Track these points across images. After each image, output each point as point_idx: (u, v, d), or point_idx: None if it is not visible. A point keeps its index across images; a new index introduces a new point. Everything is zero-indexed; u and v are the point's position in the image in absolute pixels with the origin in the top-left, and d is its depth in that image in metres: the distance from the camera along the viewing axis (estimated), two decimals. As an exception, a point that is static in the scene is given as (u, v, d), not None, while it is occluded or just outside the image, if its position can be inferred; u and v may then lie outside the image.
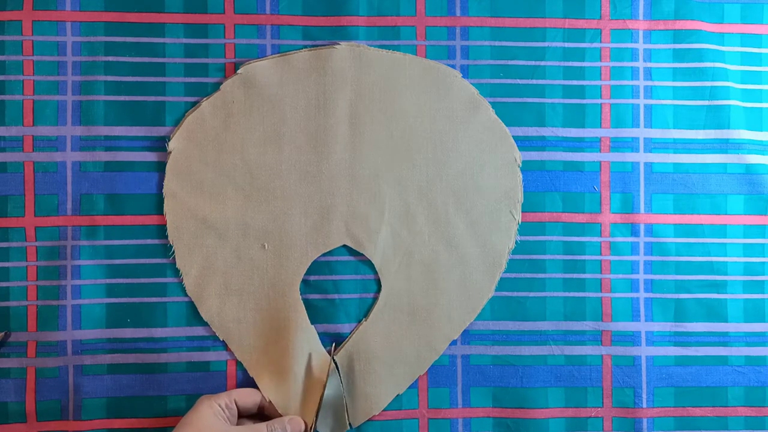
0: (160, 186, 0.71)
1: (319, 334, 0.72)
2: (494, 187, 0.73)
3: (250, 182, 0.71)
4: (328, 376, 0.69)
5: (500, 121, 0.73)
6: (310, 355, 0.71)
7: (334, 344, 0.72)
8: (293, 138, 0.71)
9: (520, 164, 0.73)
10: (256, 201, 0.71)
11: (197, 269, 0.71)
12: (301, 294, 0.72)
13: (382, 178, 0.72)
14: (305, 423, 0.68)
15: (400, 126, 0.72)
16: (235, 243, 0.71)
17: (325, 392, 0.68)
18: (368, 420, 0.71)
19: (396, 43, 0.74)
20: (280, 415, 0.68)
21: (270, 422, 0.65)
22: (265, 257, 0.71)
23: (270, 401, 0.69)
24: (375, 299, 0.72)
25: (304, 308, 0.71)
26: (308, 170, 0.72)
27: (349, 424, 0.71)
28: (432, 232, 0.72)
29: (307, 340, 0.71)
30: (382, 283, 0.72)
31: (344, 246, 0.72)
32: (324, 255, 0.72)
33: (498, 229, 0.73)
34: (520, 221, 0.73)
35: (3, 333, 0.69)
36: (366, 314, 0.72)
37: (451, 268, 0.72)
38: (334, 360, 0.70)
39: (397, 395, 0.72)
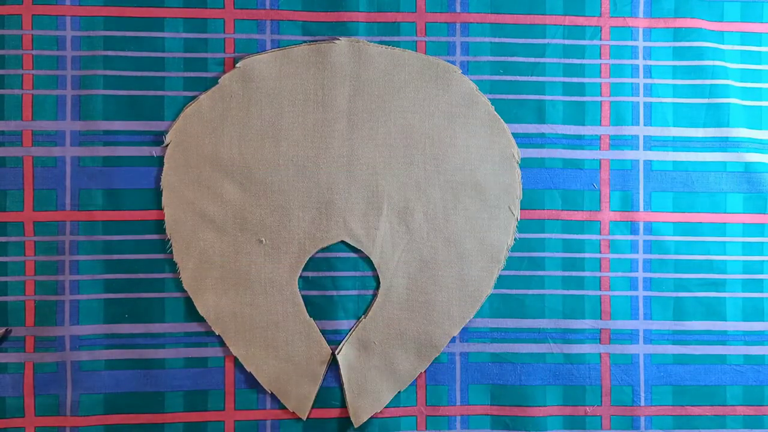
0: (159, 181, 0.71)
1: (317, 330, 0.72)
2: (493, 182, 0.73)
3: (247, 176, 0.71)
4: (327, 366, 0.69)
5: (499, 117, 0.73)
6: (309, 348, 0.71)
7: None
8: (291, 132, 0.71)
9: (519, 160, 0.73)
10: (253, 195, 0.71)
11: (194, 263, 0.71)
12: (299, 290, 0.71)
13: (380, 173, 0.72)
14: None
15: (399, 122, 0.72)
16: (233, 237, 0.71)
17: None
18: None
19: (396, 39, 0.73)
20: None
21: None
22: (262, 252, 0.71)
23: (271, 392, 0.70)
24: (374, 296, 0.72)
25: (302, 302, 0.71)
26: (306, 165, 0.71)
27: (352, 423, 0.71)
28: (430, 229, 0.72)
29: (306, 333, 0.71)
30: (380, 280, 0.72)
31: (343, 242, 0.72)
32: (322, 251, 0.72)
33: (496, 225, 0.73)
34: (518, 218, 0.73)
35: (3, 329, 0.69)
36: (365, 311, 0.72)
37: (450, 265, 0.72)
38: (335, 356, 0.71)
39: (397, 392, 0.72)
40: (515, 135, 0.74)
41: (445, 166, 0.72)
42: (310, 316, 0.71)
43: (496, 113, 0.73)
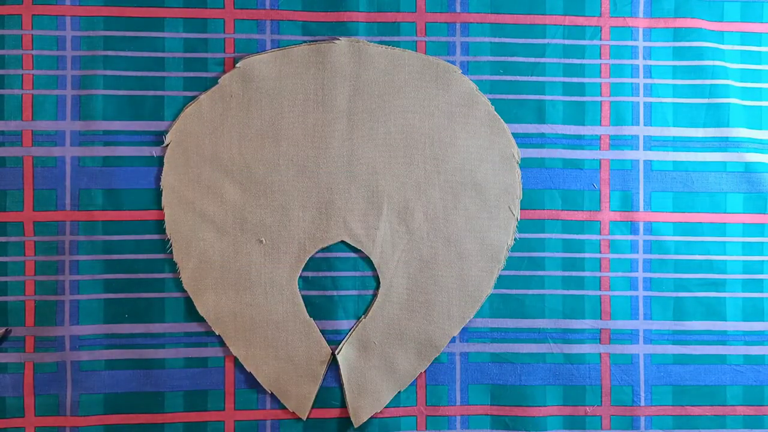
0: (159, 181, 0.71)
1: (317, 330, 0.72)
2: (492, 182, 0.73)
3: (247, 176, 0.71)
4: (327, 366, 0.69)
5: (498, 116, 0.73)
6: (309, 348, 0.71)
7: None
8: (291, 132, 0.71)
9: (519, 160, 0.73)
10: (253, 195, 0.71)
11: (194, 263, 0.71)
12: (299, 290, 0.71)
13: (380, 174, 0.72)
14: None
15: (399, 122, 0.72)
16: (233, 237, 0.71)
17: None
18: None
19: (396, 39, 0.73)
20: None
21: None
22: (262, 252, 0.71)
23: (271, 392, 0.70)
24: (374, 296, 0.72)
25: (302, 302, 0.71)
26: (306, 165, 0.71)
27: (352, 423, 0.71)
28: (430, 229, 0.72)
29: (306, 333, 0.71)
30: (380, 280, 0.72)
31: (343, 242, 0.72)
32: (322, 251, 0.72)
33: (497, 225, 0.73)
34: (519, 218, 0.73)
35: (3, 329, 0.69)
36: (365, 311, 0.72)
37: (450, 265, 0.72)
38: (335, 356, 0.71)
39: (397, 392, 0.72)
40: (515, 135, 0.74)
41: (445, 166, 0.72)
42: (310, 316, 0.71)
43: (496, 113, 0.73)
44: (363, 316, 0.72)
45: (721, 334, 0.74)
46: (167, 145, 0.71)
